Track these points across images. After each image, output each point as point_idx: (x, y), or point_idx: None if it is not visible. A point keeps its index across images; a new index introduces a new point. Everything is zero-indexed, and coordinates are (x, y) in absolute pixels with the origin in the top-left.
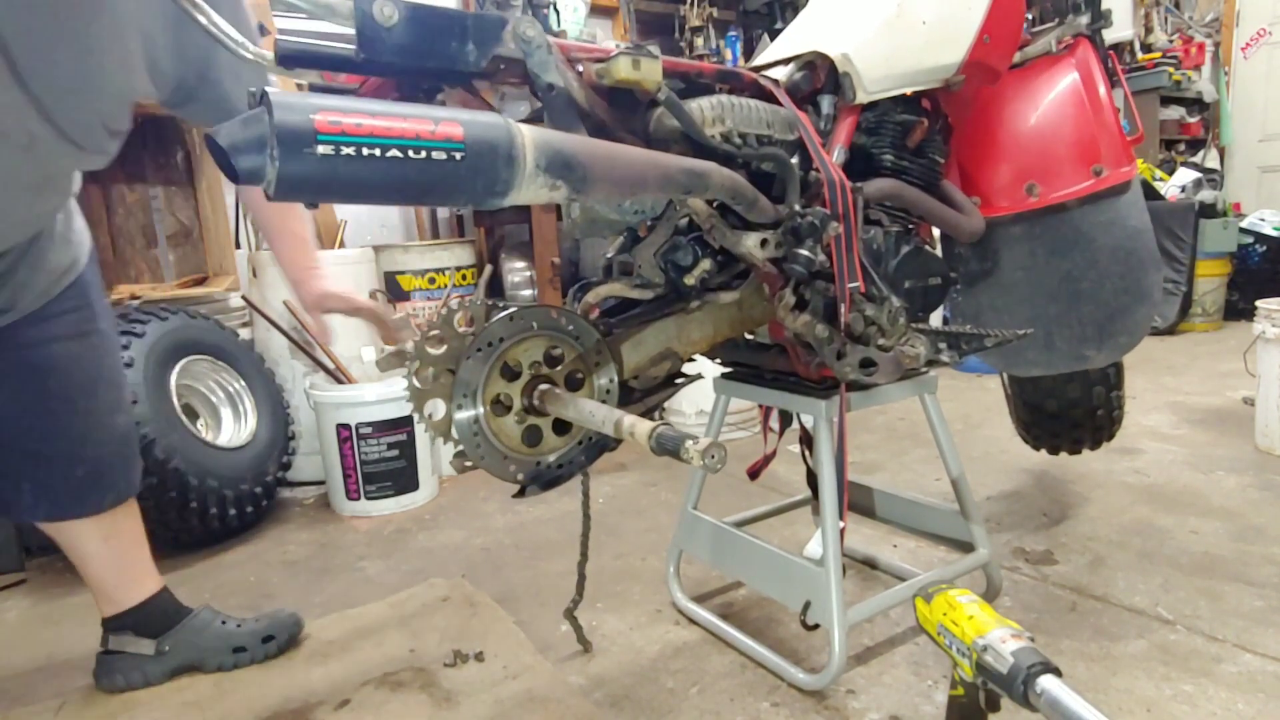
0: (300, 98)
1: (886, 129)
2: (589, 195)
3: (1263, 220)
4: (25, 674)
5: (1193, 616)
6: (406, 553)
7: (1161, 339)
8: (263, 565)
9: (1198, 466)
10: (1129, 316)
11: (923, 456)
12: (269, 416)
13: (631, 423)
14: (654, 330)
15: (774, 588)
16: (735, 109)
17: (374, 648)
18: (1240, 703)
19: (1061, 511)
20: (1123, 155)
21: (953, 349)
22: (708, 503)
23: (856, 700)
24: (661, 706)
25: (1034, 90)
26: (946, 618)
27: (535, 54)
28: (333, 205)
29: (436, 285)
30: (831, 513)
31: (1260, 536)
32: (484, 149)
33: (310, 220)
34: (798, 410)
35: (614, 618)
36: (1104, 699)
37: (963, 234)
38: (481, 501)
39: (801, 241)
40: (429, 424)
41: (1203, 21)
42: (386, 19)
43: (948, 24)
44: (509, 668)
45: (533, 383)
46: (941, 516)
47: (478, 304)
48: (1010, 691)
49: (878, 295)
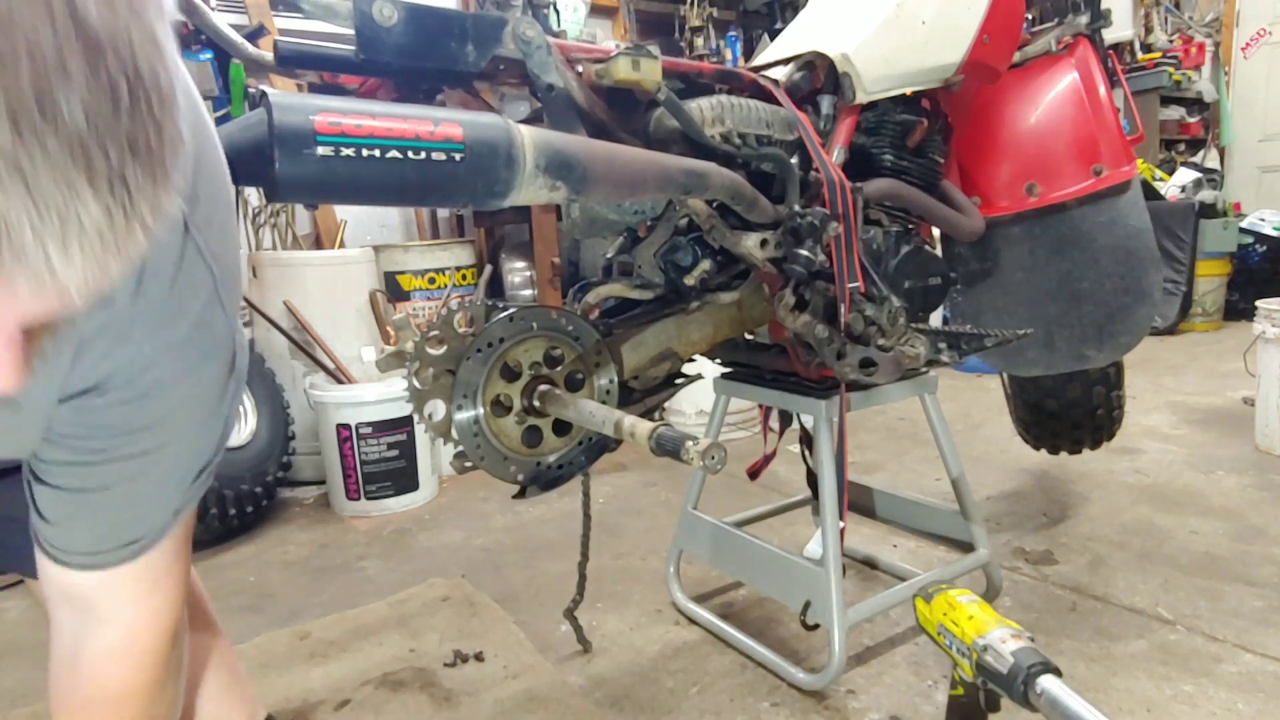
0: (300, 98)
1: (886, 129)
2: (589, 195)
3: (1263, 220)
4: (25, 674)
5: (1193, 616)
6: (406, 553)
7: (1161, 339)
8: (263, 565)
9: (1198, 466)
10: (1129, 316)
11: (923, 456)
12: (269, 416)
13: (631, 423)
14: (654, 331)
15: (774, 588)
16: (735, 109)
17: (374, 648)
18: (1240, 703)
19: (1061, 511)
20: (1123, 155)
21: (953, 349)
22: (708, 503)
23: (856, 700)
24: (661, 706)
25: (1034, 90)
26: (946, 618)
27: (535, 54)
28: (333, 205)
29: (436, 285)
30: (831, 513)
31: (1260, 536)
32: (484, 150)
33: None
34: (798, 410)
35: (614, 618)
36: (1104, 699)
37: (963, 234)
38: (481, 501)
39: (801, 242)
40: (429, 424)
41: (1203, 21)
42: (386, 20)
43: (947, 24)
44: (509, 668)
45: (533, 383)
46: (941, 516)
47: (478, 304)
48: (1010, 691)
49: (878, 295)
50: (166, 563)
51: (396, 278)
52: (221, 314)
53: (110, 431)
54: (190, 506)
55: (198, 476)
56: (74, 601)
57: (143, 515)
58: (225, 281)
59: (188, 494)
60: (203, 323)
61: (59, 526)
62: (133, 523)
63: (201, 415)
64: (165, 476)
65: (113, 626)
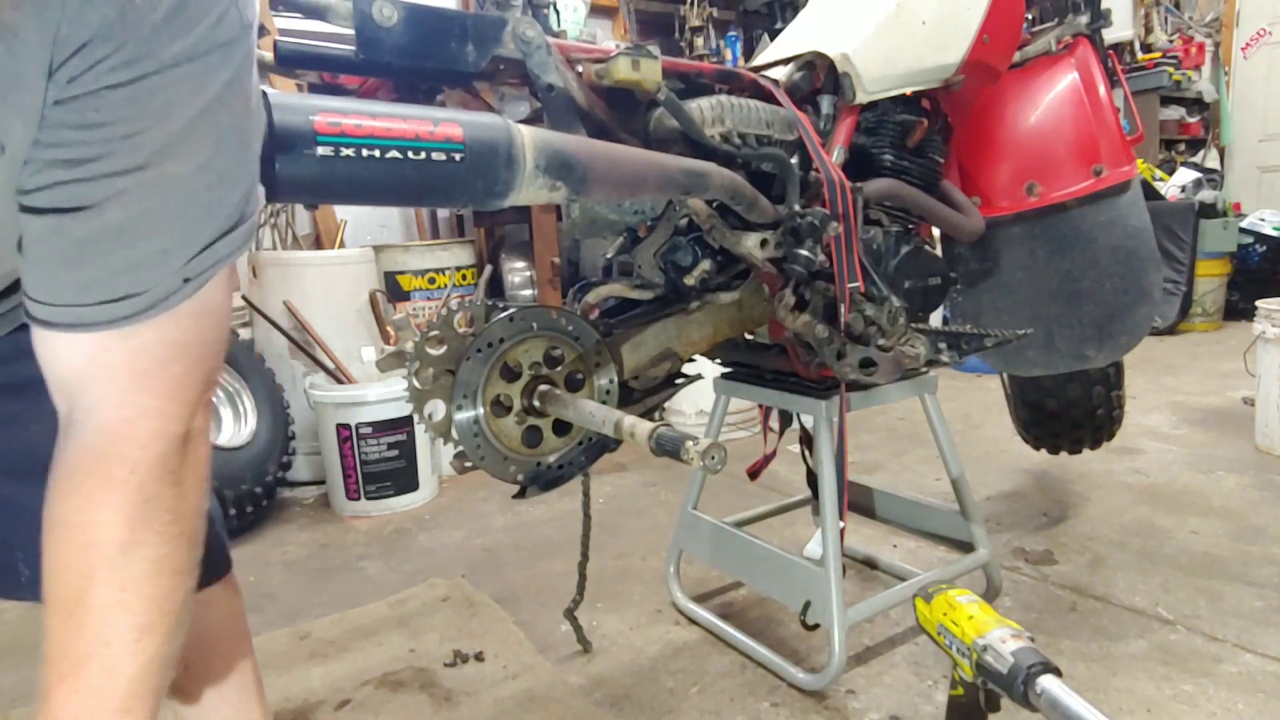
0: (300, 99)
1: (886, 129)
2: (589, 195)
3: (1263, 220)
4: (25, 674)
5: (1193, 616)
6: (406, 553)
7: (1161, 339)
8: (263, 565)
9: (1198, 466)
10: (1129, 316)
11: (923, 456)
12: (269, 416)
13: (631, 423)
14: (654, 331)
15: (774, 588)
16: (735, 109)
17: (374, 648)
18: (1240, 703)
19: (1061, 511)
20: (1123, 155)
21: (953, 349)
22: (708, 503)
23: (856, 700)
24: (661, 706)
25: (1034, 90)
26: (946, 618)
27: (535, 55)
28: (332, 205)
29: (436, 285)
30: (831, 513)
31: (1260, 536)
32: (484, 150)
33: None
34: (798, 410)
35: (614, 618)
36: (1104, 699)
37: (963, 234)
38: (481, 501)
39: (801, 242)
40: (429, 425)
41: (1203, 21)
42: (386, 19)
43: (947, 24)
44: (509, 668)
45: (533, 383)
46: (941, 516)
47: (478, 304)
48: (1010, 691)
49: (878, 295)
50: (166, 354)
51: (396, 278)
52: (235, 11)
53: (105, 134)
54: (203, 279)
55: (214, 241)
56: (62, 392)
57: (140, 260)
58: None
59: (200, 258)
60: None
61: (42, 267)
62: (127, 268)
63: (212, 137)
64: (169, 212)
65: (87, 425)
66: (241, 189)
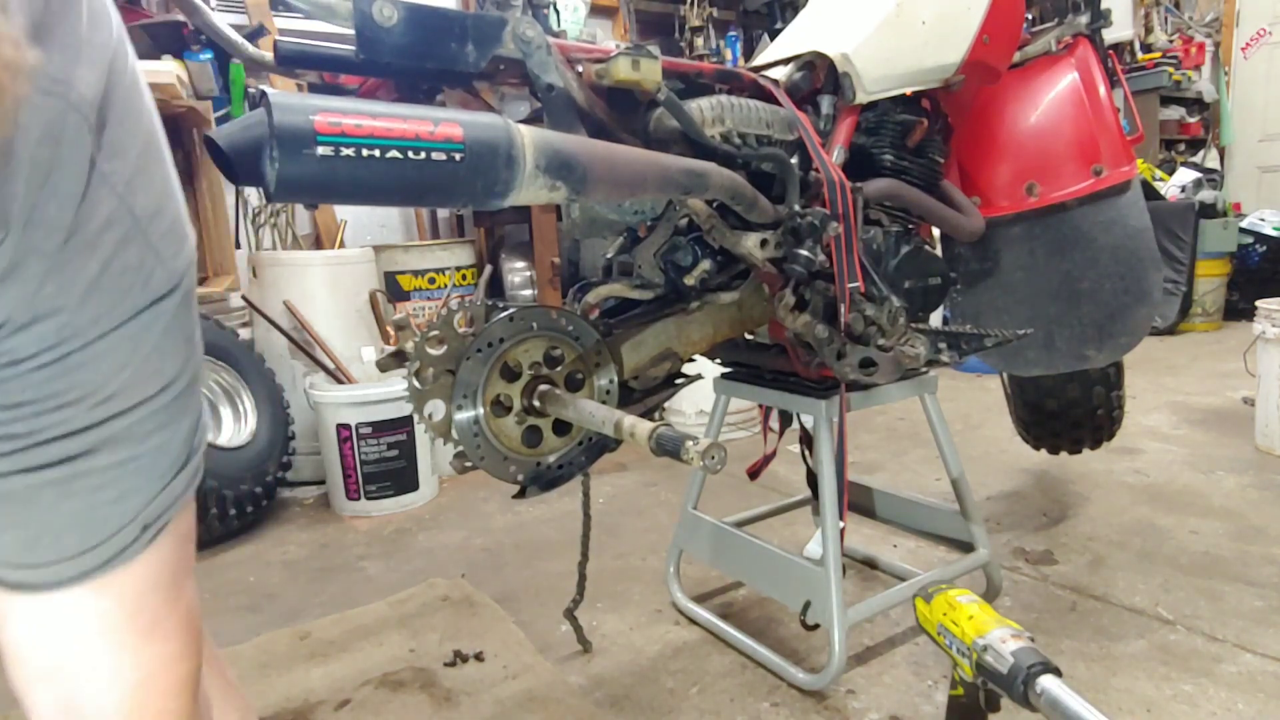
0: (300, 98)
1: (886, 129)
2: (589, 195)
3: (1263, 220)
4: None
5: (1193, 616)
6: (406, 553)
7: (1161, 339)
8: (263, 565)
9: (1198, 466)
10: (1129, 316)
11: (923, 456)
12: (269, 416)
13: (631, 423)
14: (654, 331)
15: (774, 588)
16: (735, 109)
17: (374, 648)
18: (1240, 703)
19: (1061, 511)
20: (1123, 155)
21: (953, 349)
22: (708, 503)
23: (856, 700)
24: (661, 706)
25: (1034, 90)
26: (946, 618)
27: (535, 54)
28: (332, 205)
29: (436, 285)
30: (831, 513)
31: (1260, 536)
32: (484, 150)
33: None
34: (798, 410)
35: (614, 618)
36: (1104, 699)
37: (963, 234)
38: (481, 501)
39: (801, 242)
40: (429, 425)
41: (1203, 21)
42: (386, 20)
43: (947, 24)
44: (509, 668)
45: (533, 383)
46: (941, 516)
47: (478, 304)
48: (1010, 691)
49: (878, 295)
50: (156, 597)
51: (396, 278)
52: (153, 259)
53: (34, 409)
54: (165, 520)
55: (168, 482)
56: (52, 676)
57: (90, 517)
58: (152, 224)
59: (156, 501)
60: (124, 265)
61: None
62: (77, 524)
63: (150, 389)
64: (114, 470)
65: (111, 689)
66: (187, 417)
